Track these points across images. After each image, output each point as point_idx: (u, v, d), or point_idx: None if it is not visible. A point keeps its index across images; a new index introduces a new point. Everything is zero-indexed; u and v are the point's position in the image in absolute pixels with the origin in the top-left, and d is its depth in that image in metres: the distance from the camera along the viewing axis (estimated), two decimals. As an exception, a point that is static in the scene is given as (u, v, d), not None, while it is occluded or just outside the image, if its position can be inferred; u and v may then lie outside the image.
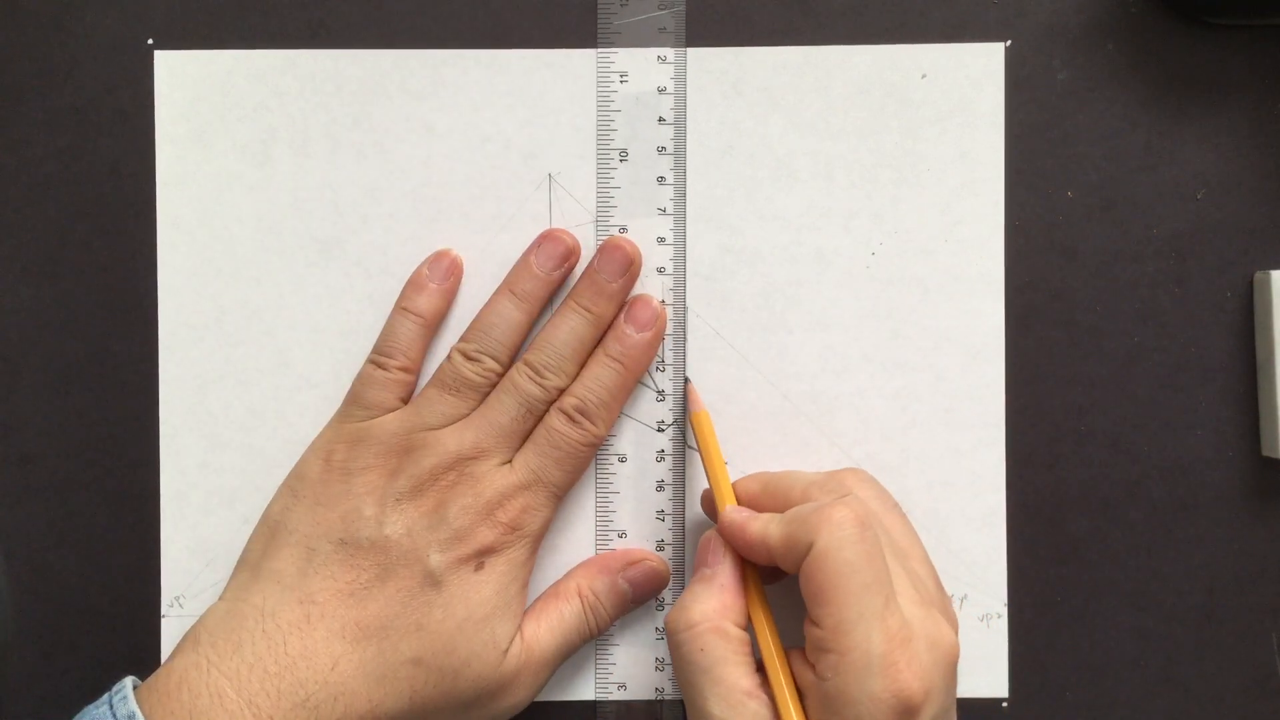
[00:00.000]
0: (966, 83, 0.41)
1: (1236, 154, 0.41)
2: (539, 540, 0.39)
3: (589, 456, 0.40)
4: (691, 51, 0.41)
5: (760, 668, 0.35)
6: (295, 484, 0.39)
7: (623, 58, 0.41)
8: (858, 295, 0.41)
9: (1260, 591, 0.41)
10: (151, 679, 0.36)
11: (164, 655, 0.41)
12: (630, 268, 0.40)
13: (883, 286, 0.41)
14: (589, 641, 0.40)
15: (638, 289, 0.41)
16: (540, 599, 0.40)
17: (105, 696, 0.35)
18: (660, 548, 0.41)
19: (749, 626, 0.36)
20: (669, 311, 0.41)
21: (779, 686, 0.34)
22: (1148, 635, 0.41)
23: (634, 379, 0.40)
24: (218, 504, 0.41)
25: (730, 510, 0.37)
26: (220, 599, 0.38)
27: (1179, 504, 0.41)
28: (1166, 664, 0.41)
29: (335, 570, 0.37)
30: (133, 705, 0.34)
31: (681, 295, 0.41)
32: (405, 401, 0.40)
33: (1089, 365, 0.41)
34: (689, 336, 0.41)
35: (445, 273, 0.40)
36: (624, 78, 0.41)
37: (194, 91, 0.41)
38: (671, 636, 0.35)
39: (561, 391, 0.39)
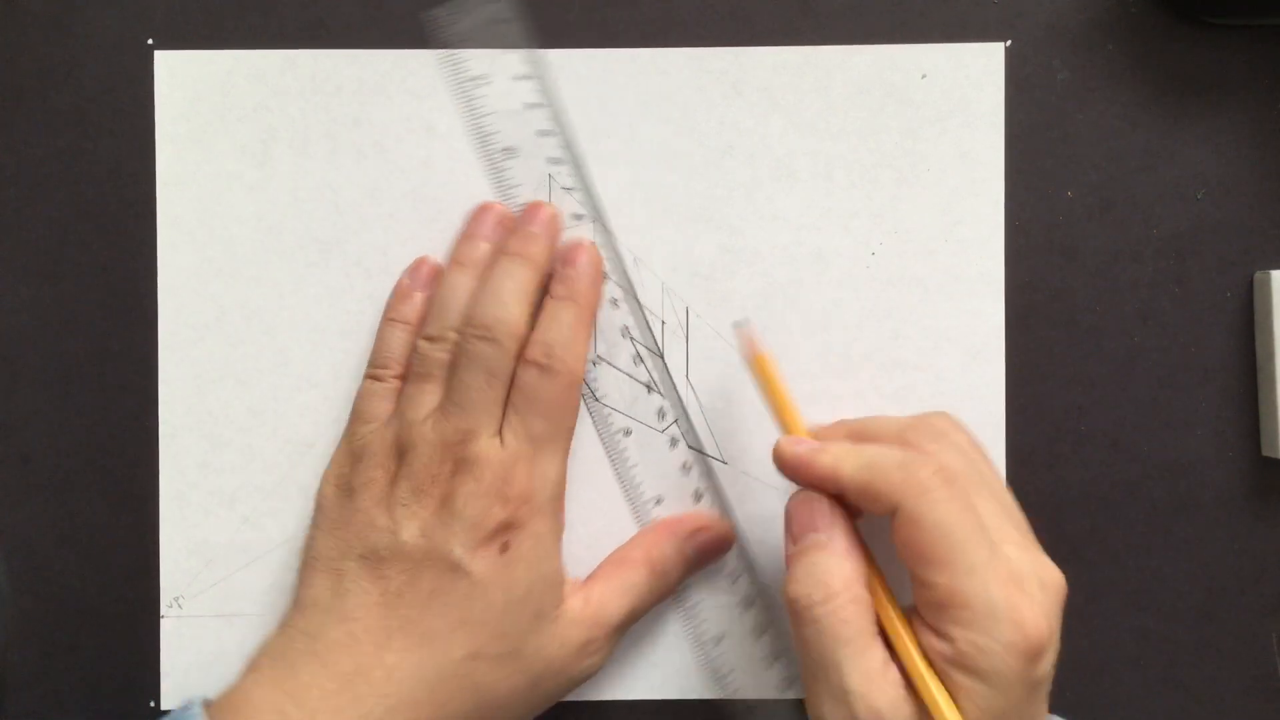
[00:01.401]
0: (966, 83, 0.41)
1: (1236, 154, 0.41)
2: (557, 502, 0.39)
3: (573, 400, 0.39)
4: (691, 51, 0.41)
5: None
6: (315, 516, 0.39)
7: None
8: (858, 295, 0.41)
9: (1260, 591, 0.41)
10: (219, 698, 0.36)
11: (164, 655, 0.41)
12: (552, 219, 0.40)
13: (883, 286, 0.41)
14: (657, 605, 0.40)
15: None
16: (607, 564, 0.40)
17: (174, 715, 0.36)
18: (699, 496, 0.41)
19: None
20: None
21: (907, 649, 0.33)
22: (1148, 635, 0.41)
23: (589, 314, 0.40)
24: (217, 504, 0.41)
25: (787, 442, 0.35)
26: (274, 630, 0.38)
27: (1179, 504, 0.41)
28: (1166, 664, 0.41)
29: (365, 585, 0.37)
30: None
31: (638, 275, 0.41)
32: None
33: (1089, 365, 0.41)
34: (689, 336, 0.41)
35: (426, 279, 0.40)
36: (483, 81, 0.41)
37: (194, 91, 0.41)
38: (807, 611, 0.33)
39: (515, 340, 0.38)
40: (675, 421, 0.41)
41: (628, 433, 0.41)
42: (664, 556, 0.39)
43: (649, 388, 0.41)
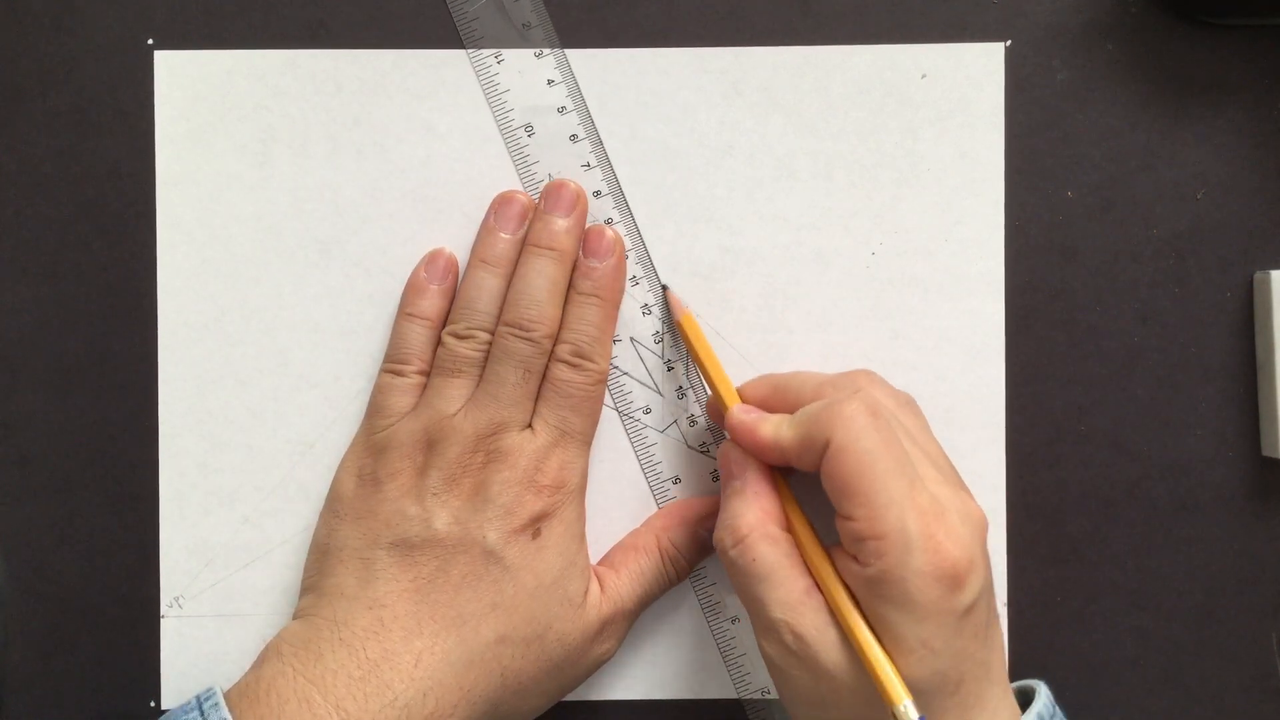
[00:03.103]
0: (966, 83, 0.41)
1: (1236, 154, 0.41)
2: (583, 491, 0.40)
3: (600, 395, 0.40)
4: (691, 51, 0.41)
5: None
6: (334, 505, 0.39)
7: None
8: (858, 295, 0.41)
9: (1260, 591, 0.41)
10: (239, 685, 0.36)
11: (164, 655, 0.41)
12: (577, 201, 0.40)
13: (883, 286, 0.41)
14: (669, 589, 0.40)
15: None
16: (619, 550, 0.40)
17: (193, 701, 0.36)
18: (717, 477, 0.41)
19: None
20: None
21: (826, 579, 0.34)
22: (1148, 635, 0.41)
23: (614, 308, 0.40)
24: (217, 504, 0.41)
25: (738, 410, 0.37)
26: (293, 619, 0.38)
27: (1179, 504, 0.41)
28: (1166, 664, 0.41)
29: (395, 573, 0.37)
30: (225, 712, 0.35)
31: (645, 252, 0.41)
32: None
33: (1089, 365, 0.41)
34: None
35: (442, 272, 0.40)
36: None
37: (194, 91, 0.41)
38: (724, 555, 0.36)
39: (550, 338, 0.39)
40: (695, 400, 0.41)
41: (647, 410, 0.41)
42: (676, 542, 0.40)
43: (669, 365, 0.41)
